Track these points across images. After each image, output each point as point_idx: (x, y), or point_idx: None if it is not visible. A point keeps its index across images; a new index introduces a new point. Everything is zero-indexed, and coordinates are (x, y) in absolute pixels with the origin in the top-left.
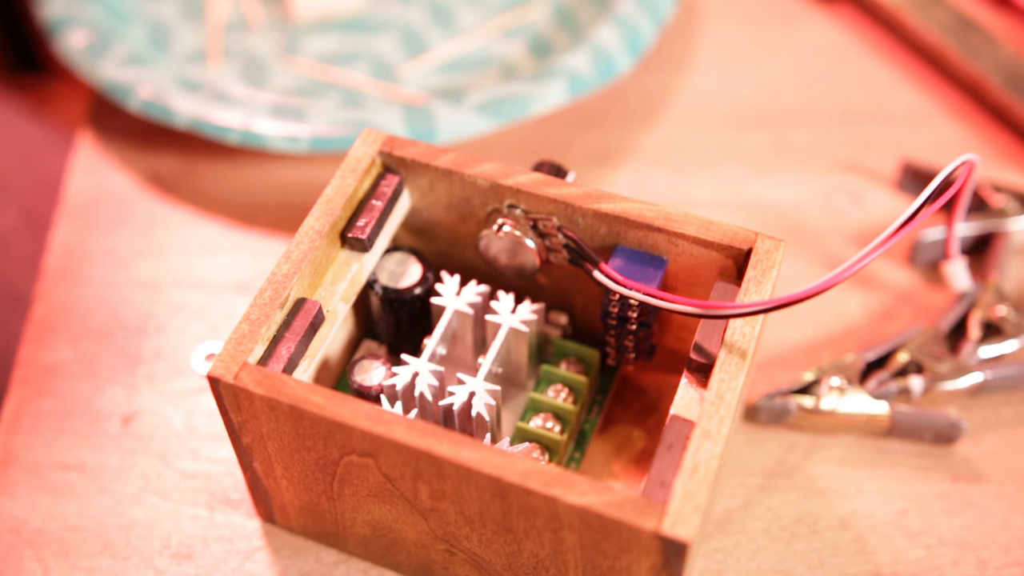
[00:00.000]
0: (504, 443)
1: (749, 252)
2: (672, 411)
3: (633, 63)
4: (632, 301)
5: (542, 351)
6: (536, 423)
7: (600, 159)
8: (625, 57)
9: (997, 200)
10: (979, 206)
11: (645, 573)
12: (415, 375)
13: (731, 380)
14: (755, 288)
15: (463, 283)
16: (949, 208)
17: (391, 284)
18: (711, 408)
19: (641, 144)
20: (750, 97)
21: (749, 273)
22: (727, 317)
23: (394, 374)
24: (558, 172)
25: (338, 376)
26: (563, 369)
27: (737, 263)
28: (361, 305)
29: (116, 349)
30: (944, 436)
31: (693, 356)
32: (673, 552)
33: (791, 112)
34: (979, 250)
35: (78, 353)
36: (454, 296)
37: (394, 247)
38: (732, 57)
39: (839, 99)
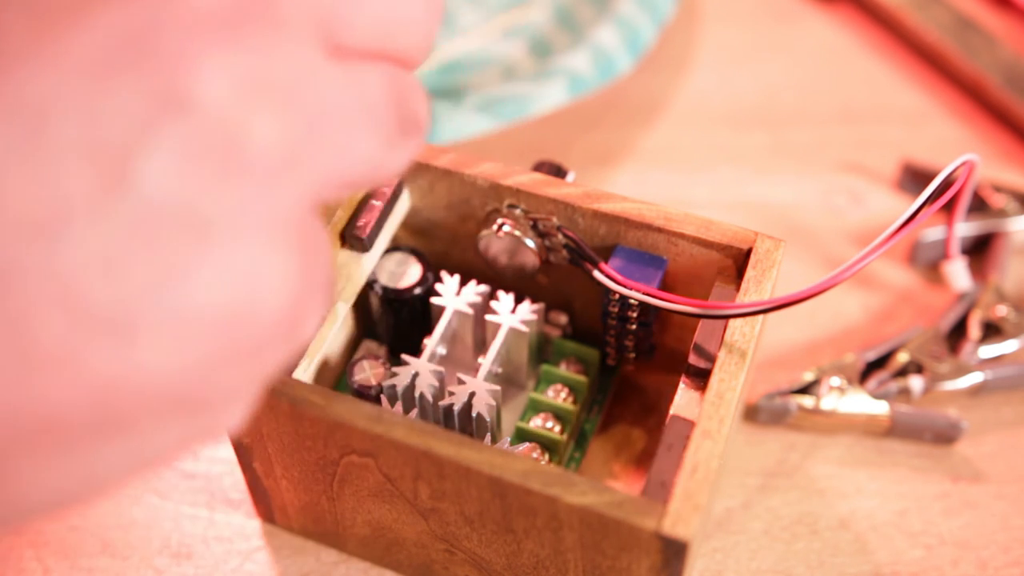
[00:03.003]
0: (504, 443)
1: (749, 252)
2: (672, 411)
3: (633, 63)
4: (632, 301)
5: (542, 351)
6: (536, 423)
7: (600, 159)
8: (625, 57)
9: (997, 200)
10: (979, 206)
11: (645, 573)
12: (415, 375)
13: (731, 380)
14: (755, 288)
15: (463, 283)
16: (949, 208)
17: (391, 284)
18: (711, 408)
19: (641, 144)
20: (750, 97)
21: (749, 273)
22: (727, 317)
23: (394, 374)
24: (558, 172)
25: (338, 376)
26: (563, 369)
27: (737, 263)
28: (361, 305)
29: None
30: (944, 436)
31: (693, 356)
32: (673, 552)
33: (791, 112)
34: (979, 250)
35: None
36: (454, 296)
37: (394, 247)
38: (732, 57)
39: (839, 99)
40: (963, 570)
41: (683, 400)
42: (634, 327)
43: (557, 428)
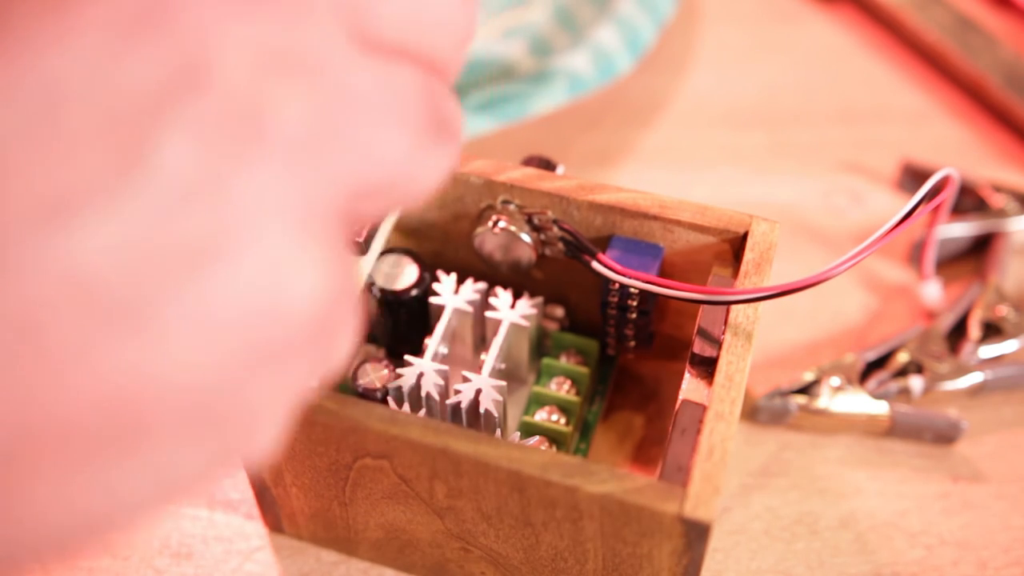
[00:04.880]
0: (514, 438)
1: (745, 235)
2: (682, 396)
3: (633, 63)
4: (632, 290)
5: (540, 345)
6: (541, 416)
7: (600, 159)
8: (625, 57)
9: (997, 200)
10: (979, 206)
11: (666, 558)
12: (420, 375)
13: (739, 362)
14: (755, 271)
15: (459, 281)
16: (932, 221)
17: (388, 286)
18: (722, 390)
19: (641, 144)
20: (750, 97)
21: (747, 256)
22: (734, 303)
23: (399, 375)
24: (547, 165)
25: (338, 382)
26: (563, 361)
27: (733, 247)
28: None
29: None
30: (944, 436)
31: (697, 341)
32: (696, 534)
33: (791, 112)
34: (979, 250)
35: None
36: (452, 295)
37: (387, 249)
38: (732, 57)
39: (839, 99)
40: (963, 570)
41: (691, 385)
42: (634, 316)
43: (562, 420)
